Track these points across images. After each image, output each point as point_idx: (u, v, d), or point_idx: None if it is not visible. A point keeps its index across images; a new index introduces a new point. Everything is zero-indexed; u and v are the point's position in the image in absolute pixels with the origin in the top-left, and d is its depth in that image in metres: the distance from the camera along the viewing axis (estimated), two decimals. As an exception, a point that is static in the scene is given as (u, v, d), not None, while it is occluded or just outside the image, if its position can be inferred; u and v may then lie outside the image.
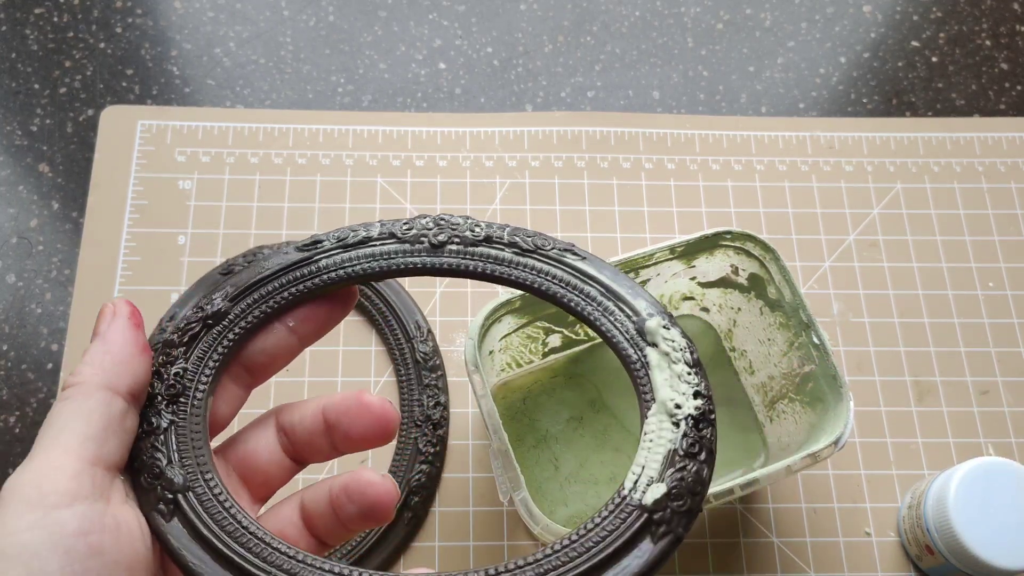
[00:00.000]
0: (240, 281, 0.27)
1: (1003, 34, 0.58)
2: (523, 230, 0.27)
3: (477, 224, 0.27)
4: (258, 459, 0.28)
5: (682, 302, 0.47)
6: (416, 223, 0.27)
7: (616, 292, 0.27)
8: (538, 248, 0.27)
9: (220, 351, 0.26)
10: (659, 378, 0.25)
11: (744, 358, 0.46)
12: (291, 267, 0.27)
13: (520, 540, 0.44)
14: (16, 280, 0.48)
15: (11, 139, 0.52)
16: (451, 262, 0.27)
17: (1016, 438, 0.47)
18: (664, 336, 0.26)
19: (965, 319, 0.49)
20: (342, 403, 0.27)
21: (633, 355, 0.26)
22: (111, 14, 0.56)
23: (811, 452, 0.37)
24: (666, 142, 0.53)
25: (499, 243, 0.27)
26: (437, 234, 0.27)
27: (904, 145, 0.54)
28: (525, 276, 0.27)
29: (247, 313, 0.27)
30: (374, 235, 0.27)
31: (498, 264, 0.27)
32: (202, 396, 0.26)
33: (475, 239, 0.27)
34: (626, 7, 0.58)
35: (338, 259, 0.27)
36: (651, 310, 0.26)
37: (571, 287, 0.27)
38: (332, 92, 0.54)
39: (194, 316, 0.27)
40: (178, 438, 0.25)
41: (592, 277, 0.27)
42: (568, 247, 0.27)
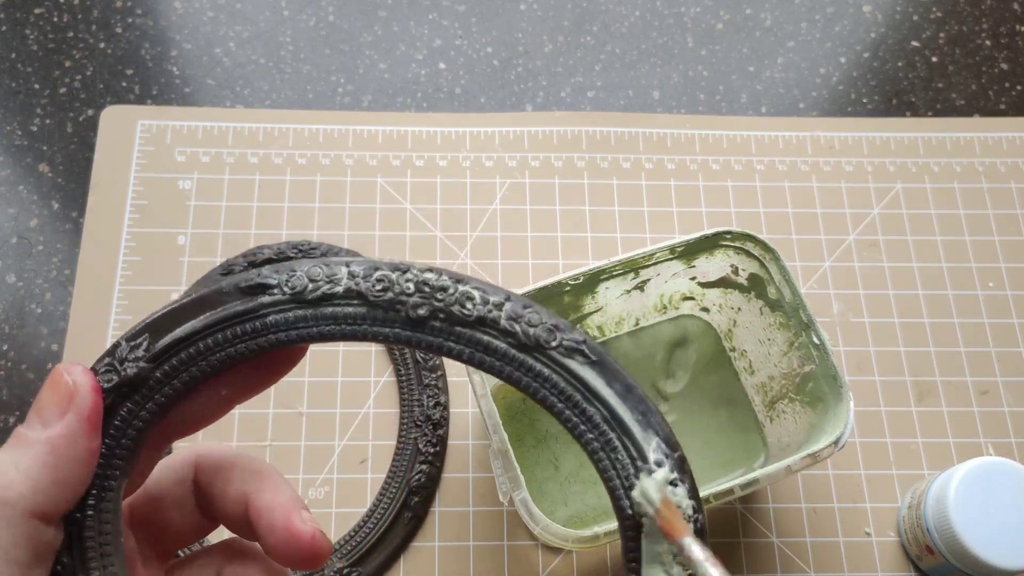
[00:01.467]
0: (163, 326, 0.22)
1: (1003, 34, 0.58)
2: (525, 311, 0.22)
3: (469, 297, 0.22)
4: (171, 518, 0.23)
5: (682, 302, 0.47)
6: (392, 281, 0.22)
7: (622, 422, 0.22)
8: (540, 345, 0.22)
9: (135, 426, 0.21)
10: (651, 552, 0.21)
11: (744, 358, 0.46)
12: (231, 320, 0.22)
13: (520, 540, 0.44)
14: (16, 280, 0.48)
15: (11, 139, 0.52)
16: (431, 341, 0.22)
17: (1016, 438, 0.47)
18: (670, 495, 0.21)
19: (965, 319, 0.49)
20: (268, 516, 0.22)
21: (628, 512, 0.22)
22: (111, 14, 0.56)
23: (811, 452, 0.37)
24: (666, 142, 0.53)
25: (494, 328, 0.22)
26: (418, 305, 0.22)
27: (904, 145, 0.54)
28: (519, 378, 0.22)
29: (172, 377, 0.21)
30: (339, 292, 0.22)
31: (488, 354, 0.22)
32: (114, 485, 0.21)
33: (464, 318, 0.22)
34: (626, 7, 0.58)
35: (290, 316, 0.22)
36: (660, 455, 0.22)
37: (571, 403, 0.22)
38: (332, 92, 0.54)
39: (106, 382, 0.21)
40: (84, 542, 0.21)
41: (597, 395, 0.22)
42: (577, 346, 0.22)
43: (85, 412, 0.20)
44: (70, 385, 0.20)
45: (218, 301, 0.22)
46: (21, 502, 0.19)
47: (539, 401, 0.22)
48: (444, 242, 0.50)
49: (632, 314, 0.46)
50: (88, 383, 0.20)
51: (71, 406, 0.20)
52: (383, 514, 0.43)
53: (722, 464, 0.45)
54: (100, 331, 0.46)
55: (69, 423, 0.20)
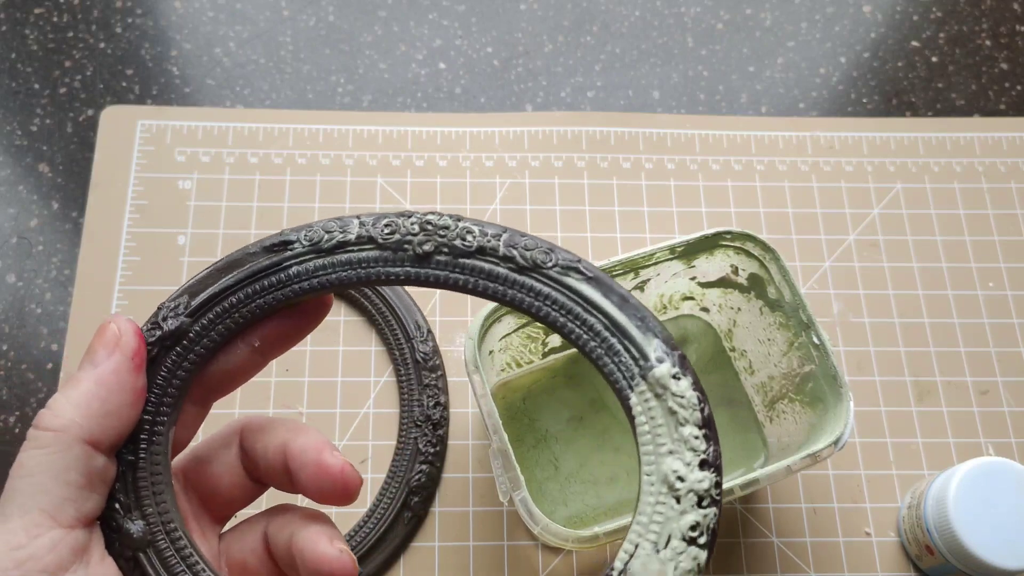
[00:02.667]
0: (199, 288, 0.24)
1: (1003, 34, 0.58)
2: (522, 238, 0.24)
3: (469, 231, 0.24)
4: (220, 481, 0.25)
5: (682, 302, 0.47)
6: (399, 226, 0.24)
7: (622, 327, 0.23)
8: (537, 266, 0.24)
9: (180, 376, 0.24)
10: (663, 441, 0.22)
11: (744, 358, 0.46)
12: (258, 275, 0.24)
13: (520, 540, 0.44)
14: (16, 280, 0.48)
15: (11, 139, 0.52)
16: (438, 275, 0.24)
17: (1016, 438, 0.47)
18: (673, 391, 0.23)
19: (965, 319, 0.49)
20: (302, 455, 0.24)
21: (637, 407, 0.23)
22: (111, 14, 0.56)
23: (811, 452, 0.37)
24: (666, 142, 0.53)
25: (493, 256, 0.24)
26: (423, 242, 0.24)
27: (904, 145, 0.54)
28: (521, 299, 0.24)
29: (209, 330, 0.24)
30: (351, 239, 0.24)
31: (491, 280, 0.24)
32: (163, 431, 0.23)
33: (466, 250, 0.24)
34: (626, 7, 0.58)
35: (311, 266, 0.24)
36: (661, 352, 0.23)
37: (572, 316, 0.23)
38: (332, 92, 0.54)
39: (150, 335, 0.23)
40: (137, 481, 0.23)
41: (596, 306, 0.23)
42: (572, 264, 0.24)
43: (129, 351, 0.22)
44: (116, 331, 0.23)
45: (247, 260, 0.24)
46: (73, 428, 0.21)
47: (542, 319, 0.24)
48: (444, 242, 0.50)
49: (632, 314, 0.46)
50: (131, 328, 0.23)
51: (117, 348, 0.22)
52: (383, 514, 0.43)
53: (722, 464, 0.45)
54: (100, 331, 0.46)
55: (116, 360, 0.22)
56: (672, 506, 0.22)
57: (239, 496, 0.26)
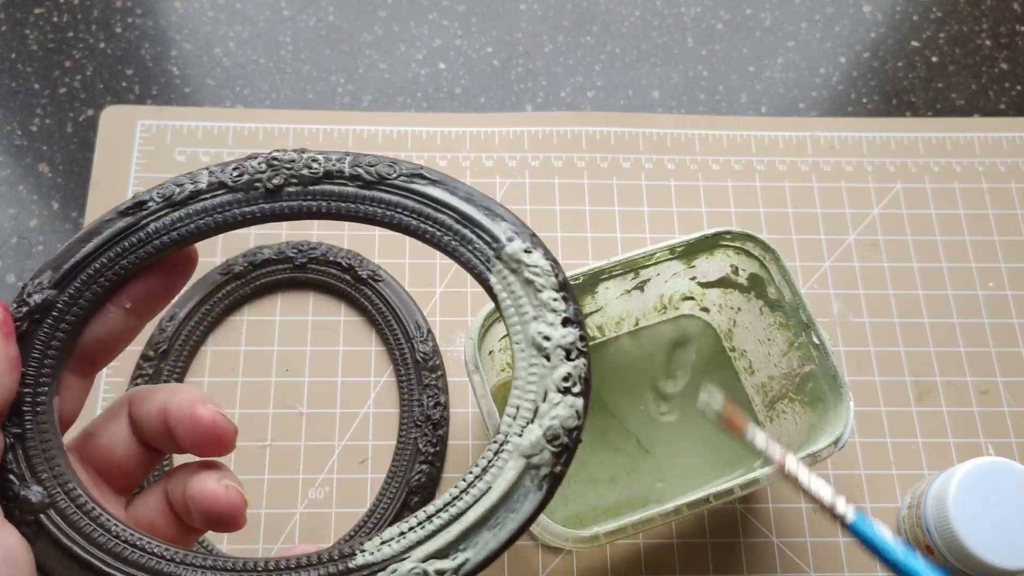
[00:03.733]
0: (61, 260, 0.24)
1: (1003, 34, 0.58)
2: (365, 157, 0.25)
3: (314, 159, 0.25)
4: (114, 453, 0.26)
5: (682, 302, 0.47)
6: (246, 166, 0.25)
7: (471, 217, 0.24)
8: (383, 178, 0.25)
9: (54, 346, 0.24)
10: (525, 310, 0.24)
11: (744, 358, 0.46)
12: (116, 237, 0.24)
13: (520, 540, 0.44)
14: (16, 280, 0.48)
15: (11, 139, 0.52)
16: (291, 205, 0.25)
17: (1016, 438, 0.47)
18: (527, 263, 0.24)
19: (965, 319, 0.49)
20: (177, 413, 0.25)
21: (497, 286, 0.24)
22: (111, 14, 0.56)
23: (811, 452, 0.37)
24: (666, 142, 0.53)
25: (340, 178, 0.25)
26: (271, 177, 0.25)
27: (904, 145, 0.54)
28: (373, 211, 0.25)
29: (77, 298, 0.24)
30: (203, 187, 0.25)
31: (342, 201, 0.25)
32: (45, 400, 0.24)
33: (313, 176, 0.25)
34: (626, 7, 0.58)
35: (167, 220, 0.24)
36: (511, 232, 0.24)
37: (424, 217, 0.25)
38: (332, 92, 0.54)
39: (18, 312, 0.24)
40: (28, 451, 0.23)
41: (444, 203, 0.25)
42: (416, 171, 0.25)
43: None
44: None
45: (104, 227, 0.25)
46: None
47: (395, 227, 0.25)
48: (444, 242, 0.50)
49: (632, 314, 0.46)
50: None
51: None
52: (383, 514, 0.43)
53: (722, 464, 0.45)
54: (100, 331, 0.46)
55: None
56: (543, 364, 0.24)
57: (135, 466, 0.26)
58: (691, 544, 0.44)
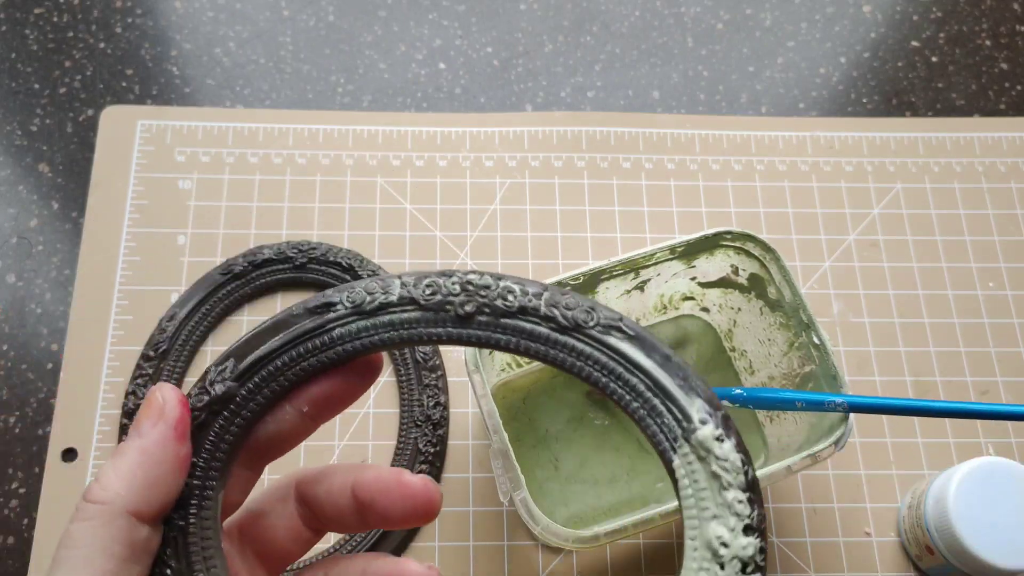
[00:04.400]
0: (244, 351, 0.24)
1: (1003, 34, 0.58)
2: (562, 297, 0.24)
3: (510, 290, 0.24)
4: (276, 535, 0.26)
5: (682, 302, 0.47)
6: (440, 285, 0.24)
7: (664, 388, 0.23)
8: (579, 326, 0.24)
9: (227, 440, 0.24)
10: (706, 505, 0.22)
11: (744, 358, 0.46)
12: (302, 337, 0.24)
13: (520, 540, 0.44)
14: (16, 280, 0.48)
15: (11, 139, 0.52)
16: (479, 335, 0.24)
17: (1016, 438, 0.47)
18: (716, 454, 0.23)
19: (965, 319, 0.49)
20: (377, 482, 0.24)
21: (680, 471, 0.23)
22: (111, 14, 0.56)
23: (811, 452, 0.37)
24: (666, 142, 0.53)
25: (535, 315, 0.24)
26: (464, 303, 0.24)
27: (904, 145, 0.54)
28: (563, 359, 0.24)
29: (256, 393, 0.24)
30: (393, 300, 0.24)
31: (533, 341, 0.24)
32: (212, 495, 0.23)
33: (507, 310, 0.24)
34: (626, 7, 0.58)
35: (353, 328, 0.24)
36: (704, 414, 0.23)
37: (615, 376, 0.23)
38: (332, 92, 0.54)
39: (199, 399, 0.24)
40: (188, 547, 0.23)
41: (638, 365, 0.23)
42: (614, 323, 0.24)
43: (172, 421, 0.23)
44: (160, 401, 0.23)
45: (291, 322, 0.24)
46: (118, 500, 0.22)
47: (584, 379, 0.24)
48: (444, 242, 0.50)
49: (632, 314, 0.46)
50: (175, 397, 0.23)
51: (161, 418, 0.23)
52: (383, 514, 0.43)
53: (722, 464, 0.45)
54: (100, 331, 0.46)
55: (160, 430, 0.23)
56: (716, 572, 0.22)
57: (296, 548, 0.26)
58: (691, 544, 0.44)
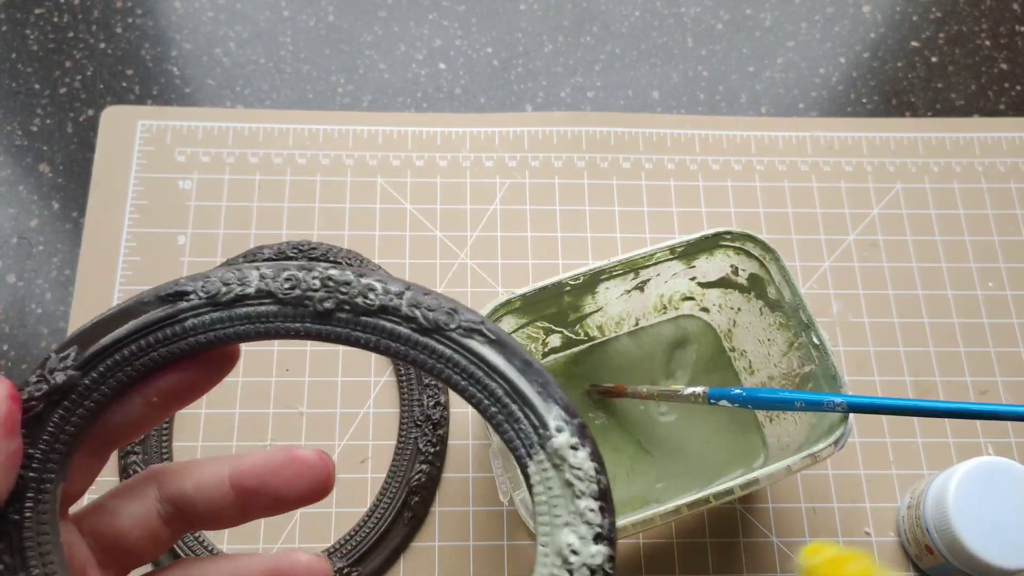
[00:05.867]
0: (89, 338, 0.23)
1: (1003, 34, 0.59)
2: (424, 297, 0.23)
3: (371, 288, 0.23)
4: (128, 534, 0.24)
5: (682, 302, 0.47)
6: (300, 280, 0.23)
7: (523, 394, 0.23)
8: (440, 327, 0.23)
9: (68, 431, 0.22)
10: (558, 512, 0.22)
11: (744, 358, 0.46)
12: (151, 326, 0.23)
13: (520, 540, 0.44)
14: (16, 280, 0.48)
15: (11, 139, 0.52)
16: (338, 332, 0.23)
17: (1015, 438, 0.47)
18: (571, 462, 0.22)
19: (965, 319, 0.49)
20: (265, 465, 0.23)
21: (535, 477, 0.23)
22: (111, 14, 0.56)
23: (811, 452, 0.37)
24: (666, 142, 0.53)
25: (395, 315, 0.23)
26: (324, 299, 0.23)
27: (904, 145, 0.54)
28: (423, 359, 0.23)
29: (100, 383, 0.22)
30: (250, 293, 0.23)
31: (392, 340, 0.23)
32: (50, 488, 0.22)
33: (367, 307, 0.23)
34: (626, 7, 0.58)
35: (207, 319, 0.23)
36: (560, 422, 0.23)
37: (474, 379, 0.23)
38: (332, 92, 0.54)
39: (36, 388, 0.22)
40: (24, 542, 0.22)
41: (497, 370, 0.23)
42: (475, 326, 0.23)
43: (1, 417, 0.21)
44: None
45: (140, 310, 0.23)
46: None
47: (444, 380, 0.23)
48: (444, 242, 0.50)
49: (632, 314, 0.46)
50: (4, 389, 0.21)
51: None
52: (383, 514, 0.43)
53: (722, 464, 0.45)
54: (100, 331, 0.46)
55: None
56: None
57: (150, 547, 0.25)
58: (691, 544, 0.44)
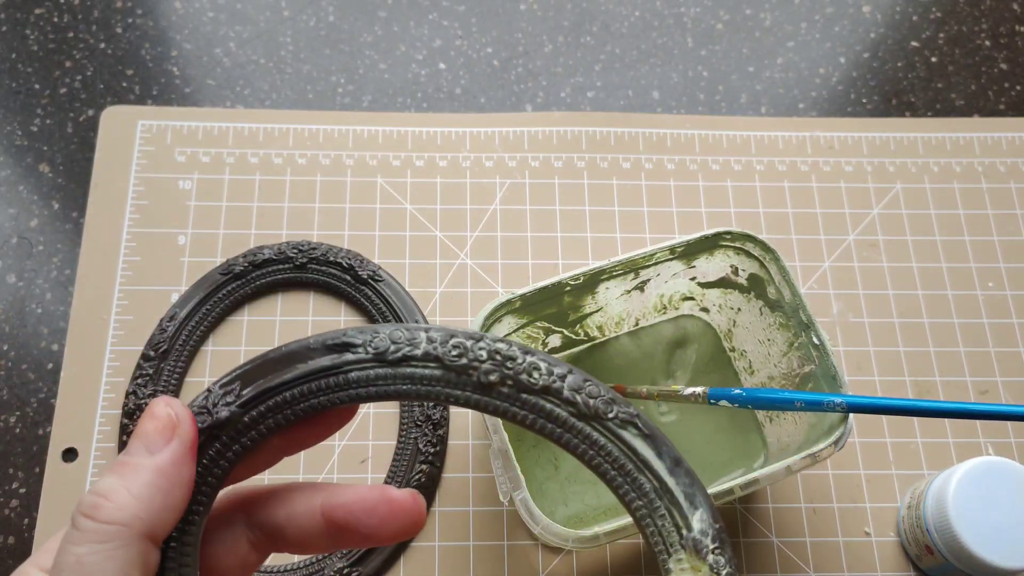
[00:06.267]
0: (252, 377, 0.23)
1: (1002, 34, 0.59)
2: (585, 383, 0.24)
3: (536, 367, 0.23)
4: (220, 562, 0.24)
5: (682, 302, 0.47)
6: (467, 348, 0.23)
7: (671, 492, 0.23)
8: (598, 415, 0.24)
9: (222, 466, 0.23)
10: None
11: (744, 358, 0.46)
12: (316, 374, 0.23)
13: (520, 540, 0.44)
14: (16, 280, 0.48)
15: (11, 139, 0.52)
16: (499, 405, 0.24)
17: (1015, 438, 0.47)
18: (711, 564, 0.23)
19: (965, 319, 0.49)
20: (360, 503, 0.23)
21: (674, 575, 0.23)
22: (111, 14, 0.56)
23: (811, 452, 0.37)
24: (666, 142, 0.53)
25: (556, 397, 0.23)
26: (490, 372, 0.23)
27: (904, 145, 0.54)
28: (577, 443, 0.24)
29: (258, 423, 0.23)
30: (418, 355, 0.23)
31: (550, 422, 0.24)
32: (198, 521, 0.22)
33: (531, 386, 0.23)
34: (626, 7, 0.58)
35: (371, 374, 0.23)
36: (704, 524, 0.23)
37: (624, 471, 0.24)
38: (332, 92, 0.54)
39: (200, 422, 0.23)
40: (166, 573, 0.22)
41: (648, 466, 0.23)
42: (631, 418, 0.24)
43: (188, 441, 0.21)
44: (172, 416, 0.21)
45: (306, 355, 0.23)
46: (137, 524, 0.20)
47: (593, 468, 0.24)
48: (444, 242, 0.50)
49: (632, 314, 0.46)
50: (188, 415, 0.22)
51: (175, 435, 0.21)
52: (383, 514, 0.43)
53: (722, 464, 0.45)
54: (100, 331, 0.46)
55: (175, 450, 0.21)
56: None
57: (239, 571, 0.24)
58: (691, 544, 0.44)
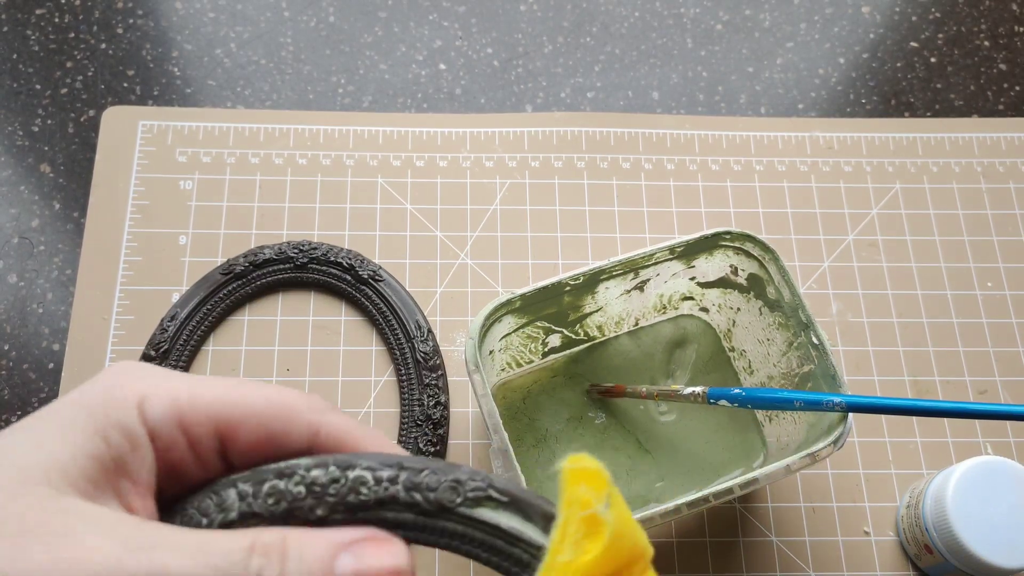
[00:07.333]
0: None
1: (1001, 35, 0.59)
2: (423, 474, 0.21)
3: (362, 481, 0.21)
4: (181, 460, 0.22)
5: (682, 302, 0.47)
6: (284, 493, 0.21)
7: None
8: (444, 508, 0.21)
9: None
10: None
11: (743, 358, 0.46)
12: None
13: (520, 539, 0.44)
14: (17, 280, 0.48)
15: (12, 139, 0.52)
16: None
17: (1014, 437, 0.47)
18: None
19: (964, 319, 0.50)
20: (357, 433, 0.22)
21: None
22: (112, 15, 0.56)
23: (810, 452, 0.37)
24: (666, 142, 0.53)
25: (395, 505, 0.21)
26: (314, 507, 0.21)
27: (903, 145, 0.54)
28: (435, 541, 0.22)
29: None
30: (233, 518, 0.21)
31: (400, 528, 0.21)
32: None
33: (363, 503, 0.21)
34: (626, 8, 0.58)
35: None
36: None
37: (496, 551, 0.21)
38: (333, 92, 0.54)
39: None
40: None
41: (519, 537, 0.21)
42: (482, 492, 0.21)
43: None
44: None
45: None
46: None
47: (464, 555, 0.22)
48: (444, 242, 0.50)
49: (632, 314, 0.46)
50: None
51: None
52: (384, 513, 0.43)
53: (721, 463, 0.45)
54: (101, 331, 0.47)
55: None
56: None
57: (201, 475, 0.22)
58: (691, 543, 0.44)
